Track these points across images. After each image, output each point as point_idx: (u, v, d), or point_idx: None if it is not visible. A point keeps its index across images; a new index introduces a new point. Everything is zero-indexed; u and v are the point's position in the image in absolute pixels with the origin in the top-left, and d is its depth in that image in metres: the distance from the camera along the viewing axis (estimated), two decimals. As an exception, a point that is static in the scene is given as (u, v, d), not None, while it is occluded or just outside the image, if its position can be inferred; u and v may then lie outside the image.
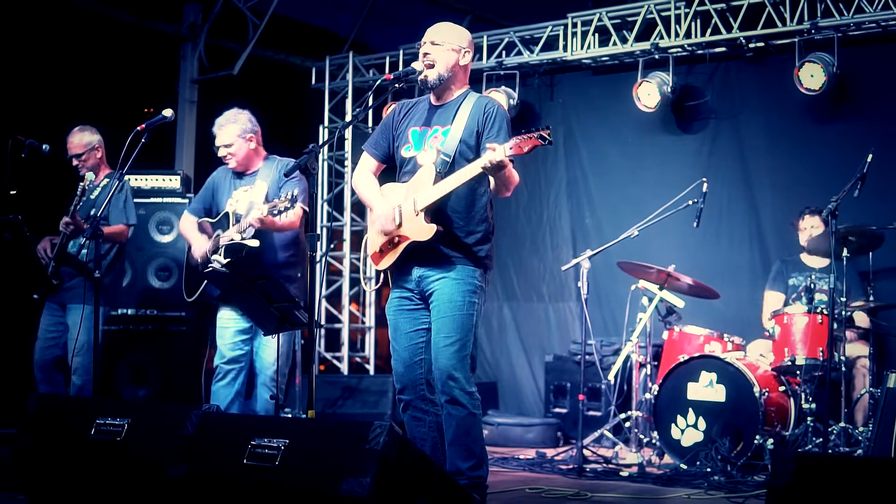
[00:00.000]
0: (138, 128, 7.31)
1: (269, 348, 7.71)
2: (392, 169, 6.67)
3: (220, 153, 7.97)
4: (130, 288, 10.64)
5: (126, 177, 7.84)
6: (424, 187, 6.27)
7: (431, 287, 6.33)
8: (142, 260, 10.90)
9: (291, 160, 7.78)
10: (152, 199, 10.92)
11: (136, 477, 5.78)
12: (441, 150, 6.31)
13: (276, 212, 7.26)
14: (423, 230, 6.22)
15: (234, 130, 7.92)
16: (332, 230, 13.41)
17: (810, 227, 9.59)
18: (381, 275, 6.58)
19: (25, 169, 8.29)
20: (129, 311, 10.89)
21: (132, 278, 10.78)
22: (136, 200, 8.87)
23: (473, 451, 6.25)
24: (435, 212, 6.26)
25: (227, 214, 7.87)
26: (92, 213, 8.51)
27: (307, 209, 7.68)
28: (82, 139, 8.88)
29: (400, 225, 6.35)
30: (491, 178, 6.21)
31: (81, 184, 8.34)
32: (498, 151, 5.86)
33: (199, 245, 7.95)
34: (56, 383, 8.67)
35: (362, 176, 6.72)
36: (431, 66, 6.42)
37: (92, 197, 8.62)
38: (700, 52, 11.07)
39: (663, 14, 10.97)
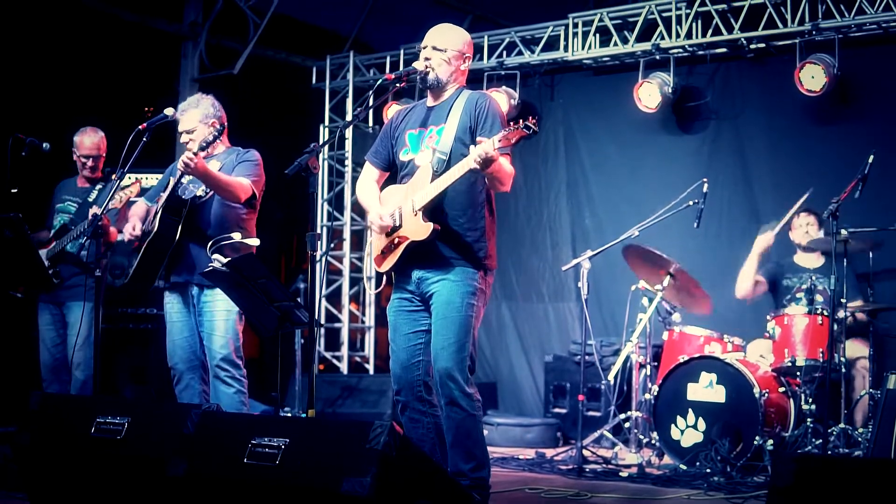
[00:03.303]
0: (139, 127, 7.27)
1: (216, 335, 7.41)
2: (394, 175, 6.68)
3: (182, 139, 7.62)
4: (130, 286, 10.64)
5: (133, 177, 7.75)
6: (422, 187, 6.28)
7: (431, 289, 6.33)
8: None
9: (252, 150, 7.70)
10: (152, 199, 10.92)
11: (136, 475, 5.78)
12: (437, 148, 6.31)
13: (204, 143, 7.05)
14: (420, 229, 6.22)
15: (196, 115, 7.58)
16: (333, 229, 13.41)
17: (806, 224, 9.60)
18: (384, 276, 6.58)
19: (26, 167, 8.29)
20: (129, 310, 10.89)
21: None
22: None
23: (474, 454, 6.25)
24: (433, 211, 6.25)
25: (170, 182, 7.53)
26: (91, 213, 8.52)
27: (257, 193, 7.49)
28: (101, 141, 8.86)
29: (400, 226, 6.36)
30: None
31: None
32: (486, 144, 5.85)
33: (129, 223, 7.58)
34: (64, 383, 8.67)
35: (363, 184, 6.75)
36: (431, 69, 6.43)
37: (90, 199, 8.61)
38: (701, 52, 11.09)
39: (664, 15, 10.98)
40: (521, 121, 5.83)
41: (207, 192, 7.39)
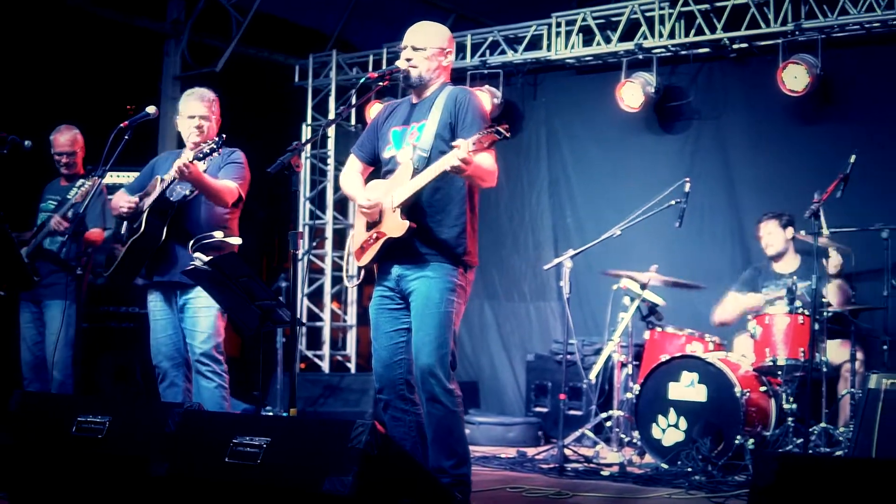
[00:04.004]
0: (121, 125, 7.26)
1: (197, 331, 7.40)
2: (378, 170, 6.68)
3: (195, 123, 7.57)
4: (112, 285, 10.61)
5: (88, 179, 7.75)
6: (402, 184, 6.28)
7: (410, 286, 6.33)
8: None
9: (237, 150, 7.68)
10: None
11: (117, 475, 5.77)
12: (417, 145, 6.32)
13: (200, 154, 7.05)
14: (398, 226, 6.22)
15: (212, 108, 7.65)
16: (315, 228, 13.40)
17: (767, 234, 9.64)
18: (363, 272, 6.58)
19: (7, 165, 8.27)
20: (111, 309, 10.87)
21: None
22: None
23: (455, 450, 6.25)
24: (411, 208, 6.26)
25: (156, 181, 7.48)
26: (70, 213, 8.49)
27: (243, 196, 7.51)
28: (75, 138, 8.91)
29: (379, 221, 6.37)
30: None
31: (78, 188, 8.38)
32: (462, 148, 5.85)
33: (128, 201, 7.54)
34: (45, 382, 8.67)
35: (347, 176, 6.76)
36: (414, 68, 6.44)
37: (69, 197, 8.60)
38: (684, 52, 11.10)
39: (647, 14, 11.00)
40: (494, 125, 5.85)
41: (193, 191, 7.38)
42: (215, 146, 7.10)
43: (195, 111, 7.61)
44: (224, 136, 7.22)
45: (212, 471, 5.28)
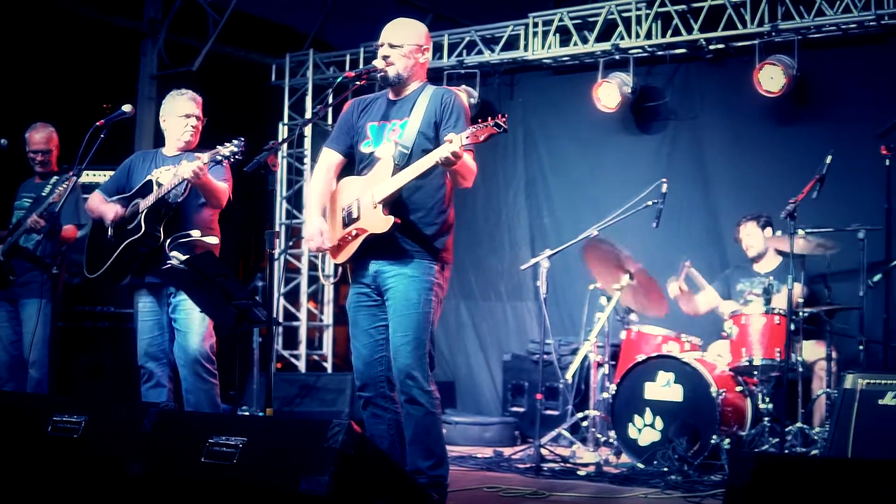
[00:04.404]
0: (97, 123, 7.26)
1: (192, 332, 7.37)
2: (352, 164, 6.66)
3: (192, 122, 7.64)
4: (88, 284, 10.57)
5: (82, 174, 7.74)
6: (383, 180, 6.27)
7: (387, 283, 6.32)
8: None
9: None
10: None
11: (93, 474, 5.74)
12: (399, 142, 6.32)
13: (219, 157, 7.05)
14: (380, 222, 6.21)
15: (198, 111, 7.71)
16: (291, 227, 13.38)
17: (746, 236, 9.68)
18: (340, 270, 6.57)
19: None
20: (87, 308, 10.83)
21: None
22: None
23: (433, 451, 6.26)
24: (393, 204, 6.25)
25: (149, 182, 7.45)
26: (46, 212, 8.47)
27: (231, 198, 7.55)
28: (51, 136, 8.89)
29: (358, 218, 6.35)
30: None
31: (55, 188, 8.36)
32: (455, 142, 5.85)
33: (110, 209, 7.48)
34: (22, 381, 8.65)
35: (318, 179, 6.73)
36: (391, 66, 6.44)
37: (44, 194, 8.59)
38: (660, 53, 11.12)
39: (624, 15, 11.01)
40: (490, 118, 5.85)
41: (184, 192, 7.37)
42: (236, 150, 7.08)
43: (191, 110, 7.65)
44: (243, 138, 7.21)
45: (188, 470, 5.27)
